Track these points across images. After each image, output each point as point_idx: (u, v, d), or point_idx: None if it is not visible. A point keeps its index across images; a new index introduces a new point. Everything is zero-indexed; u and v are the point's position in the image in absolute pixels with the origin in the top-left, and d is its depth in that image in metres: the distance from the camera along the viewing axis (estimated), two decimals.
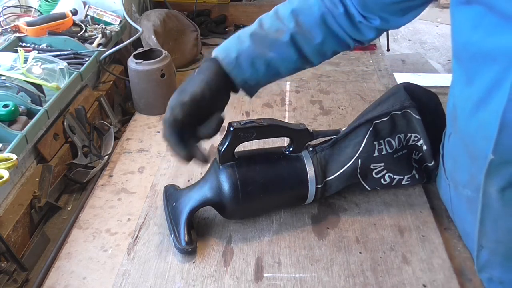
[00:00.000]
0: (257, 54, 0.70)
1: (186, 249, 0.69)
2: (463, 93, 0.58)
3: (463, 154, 0.62)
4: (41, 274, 0.68)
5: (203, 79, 0.67)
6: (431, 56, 3.13)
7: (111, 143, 0.99)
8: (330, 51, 0.74)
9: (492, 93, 0.51)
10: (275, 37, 0.70)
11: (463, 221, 0.67)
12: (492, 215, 0.56)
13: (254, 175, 0.71)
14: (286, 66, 0.72)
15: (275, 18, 0.71)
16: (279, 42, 0.70)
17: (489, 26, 0.50)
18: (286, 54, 0.71)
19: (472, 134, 0.57)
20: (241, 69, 0.69)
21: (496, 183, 0.53)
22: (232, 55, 0.69)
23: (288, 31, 0.69)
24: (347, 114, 1.06)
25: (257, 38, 0.70)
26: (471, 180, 0.59)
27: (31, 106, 0.86)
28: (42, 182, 0.81)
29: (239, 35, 0.72)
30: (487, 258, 0.60)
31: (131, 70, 1.03)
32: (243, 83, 0.71)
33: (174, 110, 0.64)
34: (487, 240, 0.59)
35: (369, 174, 0.75)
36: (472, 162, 0.58)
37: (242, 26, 1.56)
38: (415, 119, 0.75)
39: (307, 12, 0.70)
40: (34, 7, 1.25)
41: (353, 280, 0.65)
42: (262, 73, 0.71)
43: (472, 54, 0.54)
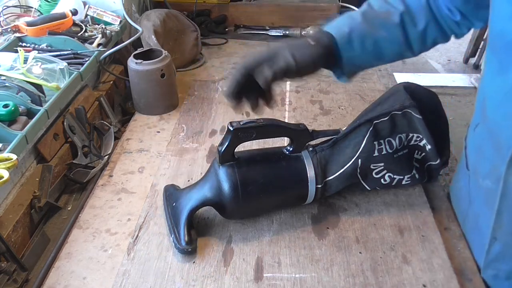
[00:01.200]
0: (368, 32, 0.71)
1: (186, 249, 0.69)
2: (495, 81, 0.59)
3: (488, 144, 0.63)
4: (41, 274, 0.68)
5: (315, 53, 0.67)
6: (431, 56, 3.13)
7: (111, 143, 0.99)
8: (431, 40, 0.74)
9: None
10: (386, 17, 0.71)
11: (477, 215, 0.68)
12: (510, 205, 0.57)
13: (254, 175, 0.71)
14: (391, 48, 0.73)
15: (384, 0, 0.73)
16: (390, 23, 0.71)
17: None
18: (394, 35, 0.72)
19: (499, 124, 0.57)
20: (351, 45, 0.70)
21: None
22: (345, 29, 0.70)
23: (398, 12, 0.71)
24: (347, 114, 1.06)
25: (369, 17, 0.72)
26: (493, 170, 0.60)
27: (31, 106, 0.86)
28: (42, 182, 0.81)
29: (349, 14, 0.73)
30: (499, 250, 0.61)
31: (131, 70, 1.03)
32: (349, 60, 0.71)
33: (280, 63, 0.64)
34: (502, 232, 0.60)
35: (369, 174, 0.75)
36: (496, 152, 0.59)
37: (242, 26, 1.56)
38: (416, 118, 0.75)
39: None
40: (34, 7, 1.25)
41: (353, 280, 0.65)
42: (368, 53, 0.72)
43: (507, 43, 0.54)
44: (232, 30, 1.56)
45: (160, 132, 1.01)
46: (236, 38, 1.50)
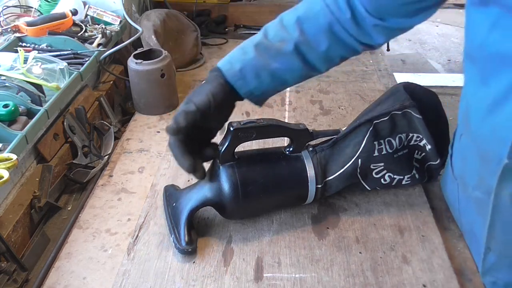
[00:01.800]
0: (261, 65, 0.70)
1: (186, 249, 0.69)
2: (477, 94, 0.57)
3: (473, 156, 0.61)
4: (41, 274, 0.68)
5: (208, 90, 0.67)
6: (431, 56, 3.13)
7: (111, 143, 0.99)
8: (337, 58, 0.74)
9: (509, 95, 0.50)
10: (279, 47, 0.69)
11: (471, 223, 0.67)
12: (502, 218, 0.56)
13: (254, 175, 0.71)
14: (291, 75, 0.72)
15: (280, 27, 0.71)
16: (283, 52, 0.69)
17: (508, 28, 0.49)
18: (291, 64, 0.70)
19: (486, 137, 0.56)
20: (245, 81, 0.70)
21: (509, 186, 0.53)
22: (236, 66, 0.69)
23: (292, 41, 0.69)
24: (347, 114, 1.06)
25: (261, 49, 0.70)
26: (481, 183, 0.59)
27: (31, 106, 0.86)
28: (42, 182, 0.81)
29: (243, 46, 0.72)
30: (494, 260, 0.60)
31: (131, 70, 1.03)
32: (248, 94, 0.71)
33: (178, 118, 0.64)
34: (496, 243, 0.58)
35: (369, 174, 0.75)
36: (483, 165, 0.58)
37: (242, 26, 1.56)
38: (416, 118, 0.75)
39: (312, 20, 0.70)
40: (34, 7, 1.25)
41: (353, 280, 0.65)
42: (267, 84, 0.71)
43: (488, 55, 0.53)
44: (232, 30, 1.56)
45: (160, 132, 1.01)
46: (236, 38, 1.50)
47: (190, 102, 0.66)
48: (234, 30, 1.56)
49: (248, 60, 0.70)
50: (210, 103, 0.66)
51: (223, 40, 1.48)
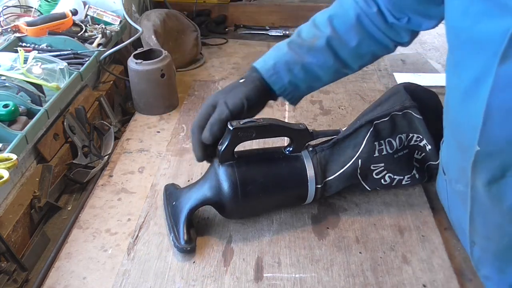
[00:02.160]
0: (294, 60, 0.72)
1: (185, 248, 0.69)
2: (453, 81, 0.58)
3: (454, 147, 0.61)
4: (41, 274, 0.68)
5: (243, 93, 0.70)
6: (431, 56, 3.12)
7: (111, 143, 0.99)
8: (369, 54, 0.75)
9: (480, 82, 0.50)
10: (311, 43, 0.72)
11: (459, 218, 0.67)
12: (481, 210, 0.56)
13: (253, 174, 0.71)
14: (324, 70, 0.74)
15: (312, 26, 0.74)
16: (316, 47, 0.72)
17: (477, 13, 0.49)
18: (322, 59, 0.72)
19: (461, 125, 0.56)
20: (279, 76, 0.72)
21: (482, 176, 0.53)
22: (270, 62, 0.72)
23: (323, 37, 0.71)
24: (347, 114, 1.06)
25: (294, 45, 0.73)
26: (462, 174, 0.58)
27: (31, 106, 0.86)
28: (42, 182, 0.81)
29: (277, 45, 0.75)
30: (479, 255, 0.60)
31: (131, 70, 1.03)
32: (282, 90, 0.74)
33: (214, 127, 0.68)
34: (478, 237, 0.58)
35: (369, 174, 0.75)
36: (462, 155, 0.57)
37: (242, 26, 1.56)
38: (417, 119, 0.75)
39: (342, 16, 0.72)
40: (34, 7, 1.25)
41: (353, 280, 0.65)
42: (301, 78, 0.73)
43: (462, 42, 0.53)
44: (232, 30, 1.56)
45: (160, 132, 1.01)
46: (236, 38, 1.50)
47: (224, 105, 0.69)
48: (234, 30, 1.56)
49: (281, 55, 0.72)
50: (244, 108, 0.69)
51: (223, 40, 1.48)
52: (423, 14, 0.69)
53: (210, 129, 0.68)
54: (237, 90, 0.70)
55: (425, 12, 0.69)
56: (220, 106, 0.69)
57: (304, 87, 0.76)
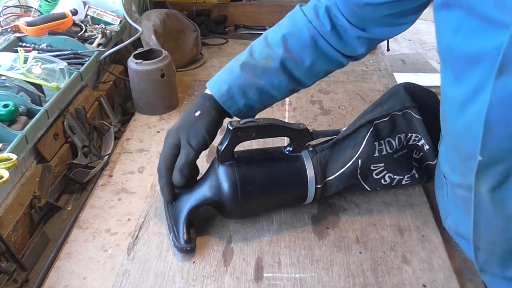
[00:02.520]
0: (248, 83, 0.72)
1: (185, 247, 0.69)
2: (450, 93, 0.58)
3: (454, 155, 0.62)
4: (41, 274, 0.68)
5: (204, 129, 0.71)
6: (431, 56, 3.13)
7: (111, 143, 0.99)
8: (323, 72, 0.76)
9: (477, 94, 0.51)
10: (265, 65, 0.72)
11: (458, 223, 0.66)
12: (485, 216, 0.56)
13: (253, 174, 0.71)
14: (279, 91, 0.75)
15: (265, 45, 0.74)
16: (269, 69, 0.72)
17: (470, 29, 0.50)
18: (277, 80, 0.73)
19: (460, 135, 0.56)
20: (233, 101, 0.73)
21: (486, 183, 0.53)
22: (224, 87, 0.72)
23: (277, 58, 0.72)
24: (347, 114, 1.06)
25: (247, 68, 0.73)
26: (464, 181, 0.59)
27: (31, 106, 0.86)
28: (42, 182, 0.81)
29: (229, 66, 0.75)
30: (485, 259, 0.60)
31: (131, 70, 1.03)
32: (237, 112, 0.75)
33: (183, 169, 0.70)
34: (483, 242, 0.58)
35: (369, 174, 0.75)
36: (463, 163, 0.58)
37: (242, 26, 1.56)
38: (416, 119, 0.75)
39: (296, 36, 0.72)
40: (34, 7, 1.25)
41: (353, 280, 0.65)
42: (255, 100, 0.74)
43: (456, 56, 0.54)
44: (232, 30, 1.56)
45: (160, 132, 1.01)
46: (236, 38, 1.50)
47: (188, 146, 0.70)
48: (234, 30, 1.56)
49: (234, 79, 0.73)
50: (207, 143, 0.71)
51: (223, 40, 1.48)
52: (391, 24, 0.70)
53: (180, 172, 0.70)
54: (197, 126, 0.71)
55: (392, 22, 0.70)
56: (185, 147, 0.70)
57: (259, 107, 0.77)
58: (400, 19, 0.69)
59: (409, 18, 0.69)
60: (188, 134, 0.70)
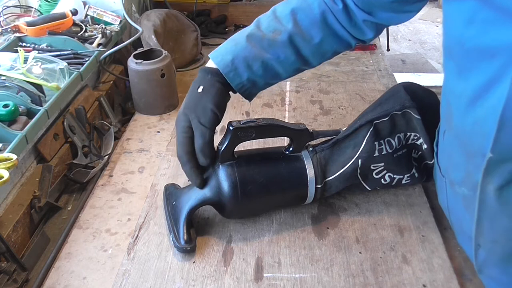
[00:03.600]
0: (253, 56, 0.69)
1: (185, 247, 0.69)
2: (457, 88, 0.56)
3: (458, 152, 0.61)
4: (41, 274, 0.68)
5: (211, 104, 0.68)
6: (431, 56, 3.13)
7: (111, 143, 0.99)
8: (331, 51, 0.74)
9: (490, 89, 0.49)
10: (272, 38, 0.69)
11: (460, 220, 0.66)
12: (489, 214, 0.55)
13: (253, 174, 0.71)
14: (284, 67, 0.72)
15: (273, 18, 0.71)
16: (277, 43, 0.69)
17: (485, 21, 0.48)
18: (283, 55, 0.70)
19: (468, 131, 0.55)
20: (237, 72, 0.70)
21: (494, 181, 0.52)
22: (228, 57, 0.69)
23: (286, 32, 0.69)
24: (347, 114, 1.06)
25: (254, 39, 0.70)
26: (467, 178, 0.58)
27: (31, 106, 0.86)
28: (42, 182, 0.81)
29: (234, 37, 0.72)
30: (485, 257, 0.60)
31: (131, 70, 1.03)
32: (239, 87, 0.71)
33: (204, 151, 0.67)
34: (484, 240, 0.58)
35: (369, 174, 0.75)
36: (468, 160, 0.57)
37: (242, 26, 1.56)
38: (415, 119, 0.75)
39: (306, 11, 0.69)
40: (34, 7, 1.25)
41: (353, 280, 0.65)
42: (260, 75, 0.71)
43: (466, 50, 0.52)
44: (232, 30, 1.56)
45: (160, 132, 1.01)
46: None
47: (200, 126, 0.67)
48: (234, 30, 1.56)
49: (239, 50, 0.69)
50: (218, 117, 0.68)
51: (223, 40, 1.46)
52: (397, 10, 0.69)
53: (202, 155, 0.68)
54: (203, 103, 0.68)
55: (398, 9, 0.69)
56: (198, 128, 0.67)
57: (262, 84, 0.74)
58: (406, 5, 0.68)
59: (415, 6, 0.68)
60: (197, 114, 0.67)
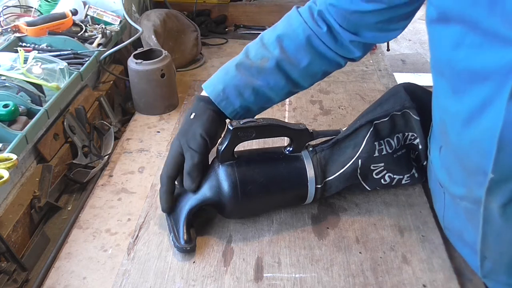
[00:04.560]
0: (243, 84, 0.71)
1: (185, 247, 0.69)
2: (451, 107, 0.55)
3: (457, 168, 0.59)
4: (41, 274, 0.68)
5: (201, 129, 0.69)
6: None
7: (111, 143, 0.99)
8: (320, 72, 0.75)
9: (484, 110, 0.48)
10: (260, 65, 0.71)
11: (460, 230, 0.65)
12: (494, 229, 0.55)
13: (253, 174, 0.71)
14: (275, 92, 0.74)
15: (261, 45, 0.73)
16: (265, 70, 0.71)
17: (473, 45, 0.47)
18: (273, 81, 0.72)
19: (466, 149, 0.54)
20: (229, 101, 0.72)
21: (497, 199, 0.51)
22: (219, 87, 0.72)
23: (273, 58, 0.71)
24: (347, 114, 1.06)
25: (243, 68, 0.72)
26: (469, 193, 0.57)
27: (31, 106, 0.86)
28: (42, 182, 0.81)
29: (225, 66, 0.74)
30: (492, 267, 0.59)
31: (131, 70, 1.03)
32: (233, 114, 0.73)
33: (192, 174, 0.69)
34: (491, 252, 0.57)
35: (369, 174, 0.75)
36: (469, 177, 0.56)
37: (242, 26, 1.56)
38: (414, 119, 0.75)
39: (291, 37, 0.71)
40: (34, 7, 1.25)
41: (353, 280, 0.65)
42: (252, 102, 0.73)
43: (457, 72, 0.51)
44: (232, 30, 1.56)
45: (160, 132, 1.01)
46: (236, 38, 1.50)
47: (190, 150, 0.69)
48: (234, 30, 1.56)
49: (229, 79, 0.72)
50: (208, 142, 0.70)
51: (223, 40, 1.48)
52: (382, 30, 0.70)
53: (190, 177, 0.69)
54: (193, 128, 0.70)
55: (384, 28, 0.69)
56: (187, 151, 0.69)
57: (256, 109, 0.76)
58: (391, 25, 0.69)
59: (400, 24, 0.69)
60: (187, 138, 0.70)
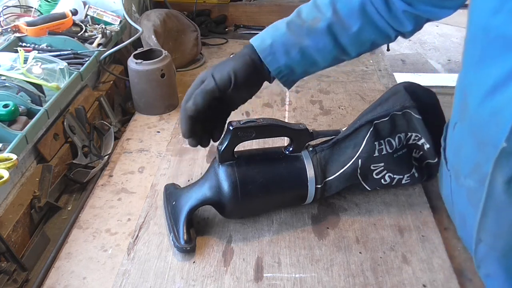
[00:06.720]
0: (292, 42, 0.70)
1: (185, 247, 0.69)
2: (477, 77, 0.56)
3: (469, 143, 0.60)
4: (41, 274, 0.68)
5: (231, 67, 0.68)
6: (431, 56, 3.13)
7: (111, 143, 0.99)
8: (369, 41, 0.73)
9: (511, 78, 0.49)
10: (311, 25, 0.70)
11: (463, 214, 0.66)
12: (495, 206, 0.55)
13: (253, 174, 0.71)
14: (322, 55, 0.72)
15: (313, 6, 0.72)
16: (315, 30, 0.70)
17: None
18: (322, 43, 0.71)
19: (484, 121, 0.55)
20: (275, 57, 0.70)
21: (504, 173, 0.52)
22: (267, 42, 0.70)
23: (325, 19, 0.69)
24: (347, 114, 1.06)
25: (293, 26, 0.70)
26: (476, 170, 0.58)
27: (31, 106, 0.86)
28: (42, 182, 0.81)
29: (276, 23, 0.73)
30: (485, 252, 0.60)
31: (131, 70, 1.03)
32: (277, 72, 0.71)
33: (197, 98, 0.66)
34: (487, 234, 0.58)
35: (369, 174, 0.75)
36: (479, 150, 0.57)
37: (242, 26, 1.56)
38: (416, 118, 0.75)
39: (346, 0, 0.70)
40: (34, 7, 1.25)
41: (353, 280, 0.65)
42: (297, 62, 0.71)
43: (492, 38, 0.52)
44: (232, 30, 1.56)
45: (160, 132, 1.01)
46: (236, 38, 1.50)
47: (211, 77, 0.67)
48: (234, 30, 1.56)
49: (279, 35, 0.70)
50: (231, 81, 0.67)
51: (223, 40, 1.48)
52: (436, 5, 0.69)
53: (194, 98, 0.67)
54: (225, 64, 0.69)
55: (438, 3, 0.68)
56: (208, 79, 0.68)
57: (300, 71, 0.74)
58: (445, 1, 0.68)
59: (454, 2, 0.68)
60: (215, 69, 0.68)
